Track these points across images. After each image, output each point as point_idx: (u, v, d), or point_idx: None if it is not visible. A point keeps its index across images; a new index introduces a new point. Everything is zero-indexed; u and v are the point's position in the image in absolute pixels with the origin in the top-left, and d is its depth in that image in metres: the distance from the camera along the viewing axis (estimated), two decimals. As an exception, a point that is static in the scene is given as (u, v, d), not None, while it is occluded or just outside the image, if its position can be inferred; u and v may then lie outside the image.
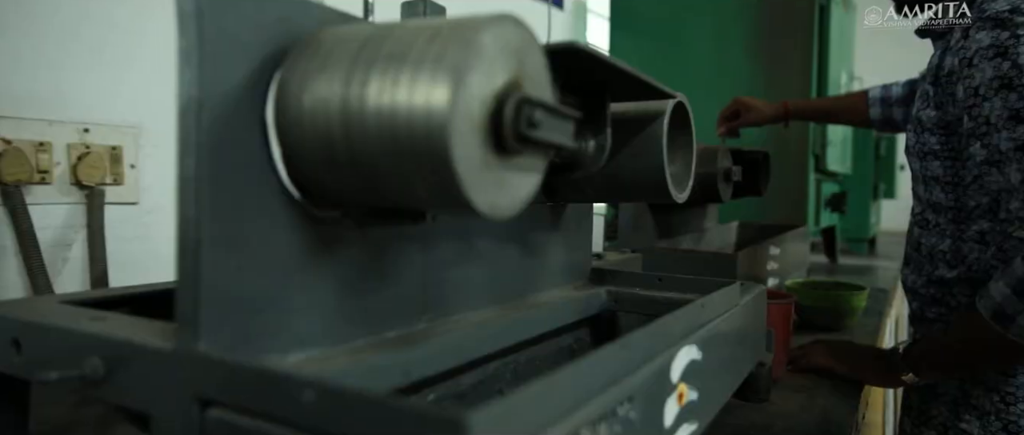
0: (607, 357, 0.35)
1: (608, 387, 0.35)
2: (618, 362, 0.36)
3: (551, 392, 0.28)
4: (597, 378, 0.33)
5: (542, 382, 0.28)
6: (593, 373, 0.33)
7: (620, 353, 0.37)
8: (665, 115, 0.55)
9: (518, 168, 0.33)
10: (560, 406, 0.29)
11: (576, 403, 0.31)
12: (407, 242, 0.46)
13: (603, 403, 0.34)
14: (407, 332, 0.46)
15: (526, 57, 0.33)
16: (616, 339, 0.38)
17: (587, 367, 0.32)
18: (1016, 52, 0.65)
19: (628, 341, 0.38)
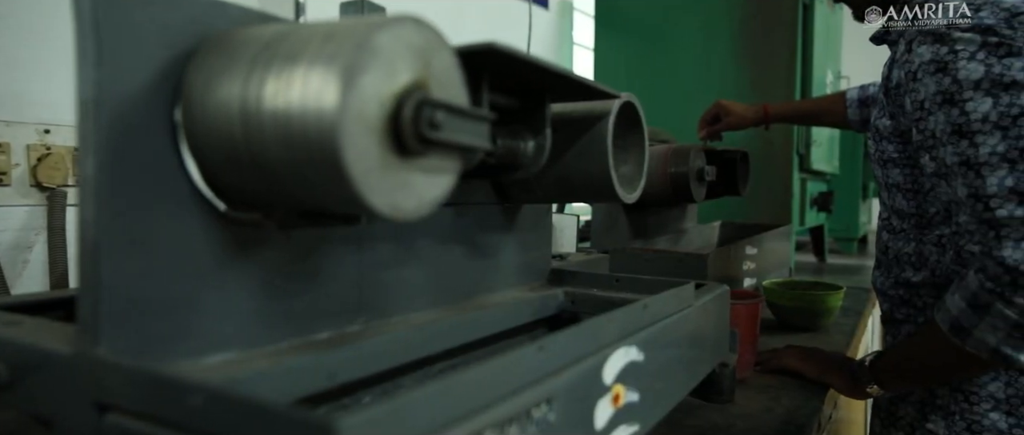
0: (517, 360, 0.35)
1: (522, 389, 0.35)
2: (532, 364, 0.36)
3: (442, 395, 0.28)
4: (505, 380, 0.33)
5: (433, 386, 0.28)
6: (498, 376, 0.32)
7: (536, 356, 0.36)
8: (610, 115, 0.55)
9: (425, 169, 0.33)
10: (454, 409, 0.29)
11: (476, 406, 0.30)
12: (340, 244, 0.45)
13: (514, 406, 0.33)
14: (339, 333, 0.45)
15: (432, 58, 0.33)
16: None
17: (489, 370, 0.32)
18: (955, 67, 0.64)
19: (546, 343, 0.37)
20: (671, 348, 0.59)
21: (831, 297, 1.18)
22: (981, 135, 0.64)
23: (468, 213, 0.60)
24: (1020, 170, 0.62)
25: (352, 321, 0.47)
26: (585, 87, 0.50)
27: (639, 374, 0.51)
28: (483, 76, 0.43)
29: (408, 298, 0.53)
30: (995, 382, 0.74)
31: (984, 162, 0.64)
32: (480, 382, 0.31)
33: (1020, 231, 0.62)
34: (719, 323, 0.76)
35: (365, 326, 0.48)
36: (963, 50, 0.65)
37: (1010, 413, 0.73)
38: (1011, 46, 0.63)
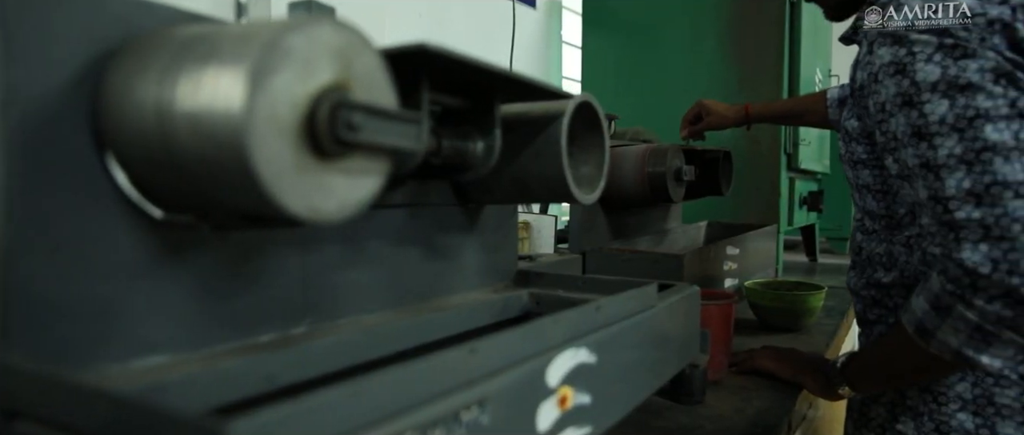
0: (444, 362, 0.34)
1: (450, 392, 0.35)
2: (461, 366, 0.35)
3: (351, 398, 0.28)
4: (427, 383, 0.33)
5: (341, 388, 0.28)
6: (419, 378, 0.32)
7: (466, 358, 0.36)
8: (565, 116, 0.55)
9: (347, 171, 0.33)
10: (365, 413, 0.29)
11: (393, 409, 0.30)
12: (283, 245, 0.45)
13: (437, 409, 0.33)
14: (283, 336, 0.45)
15: (354, 60, 0.32)
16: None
17: (409, 372, 0.31)
18: (913, 69, 0.64)
19: (478, 346, 0.37)
20: (630, 350, 0.59)
21: (812, 297, 1.18)
22: (939, 137, 0.64)
23: (424, 214, 0.60)
24: (976, 172, 0.61)
25: (297, 323, 0.47)
26: (534, 87, 0.50)
27: (591, 376, 0.51)
28: (423, 77, 0.42)
29: (359, 300, 0.53)
30: (962, 383, 0.73)
31: (942, 164, 0.64)
32: (397, 384, 0.31)
33: (977, 233, 0.61)
34: (688, 324, 0.76)
35: (312, 328, 0.48)
36: (921, 52, 0.64)
37: (977, 413, 0.72)
38: (966, 48, 0.62)
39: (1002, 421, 0.71)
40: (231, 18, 1.08)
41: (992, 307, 0.61)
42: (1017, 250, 0.60)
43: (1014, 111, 0.62)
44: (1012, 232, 0.60)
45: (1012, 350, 0.63)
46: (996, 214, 0.61)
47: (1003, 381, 0.71)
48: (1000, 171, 0.61)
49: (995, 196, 0.61)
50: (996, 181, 0.61)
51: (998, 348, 0.63)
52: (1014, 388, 0.71)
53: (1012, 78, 0.62)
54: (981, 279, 0.61)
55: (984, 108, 0.62)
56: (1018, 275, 0.60)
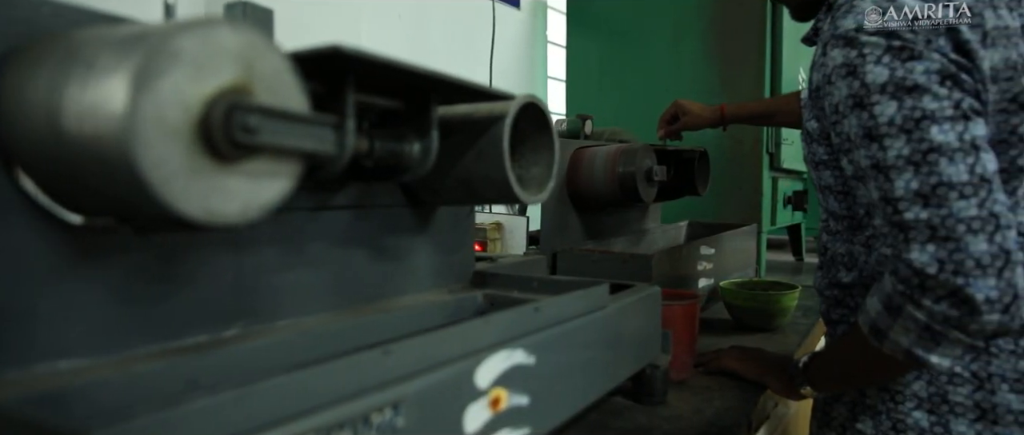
0: (353, 364, 0.34)
1: (360, 394, 0.35)
2: (373, 368, 0.35)
3: (238, 402, 0.28)
4: (332, 385, 0.33)
5: (226, 393, 0.28)
6: (321, 380, 0.32)
7: (380, 360, 0.36)
8: (507, 117, 0.55)
9: (251, 174, 0.33)
10: (255, 416, 0.29)
11: (288, 413, 0.30)
12: (212, 248, 0.45)
13: (342, 412, 0.33)
14: (212, 339, 0.45)
15: (256, 62, 0.32)
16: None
17: (309, 375, 0.31)
18: (863, 71, 0.64)
19: (393, 347, 0.37)
20: (576, 350, 0.59)
21: (785, 297, 1.18)
22: (888, 138, 0.64)
23: (372, 215, 0.60)
24: (923, 173, 0.62)
25: (228, 326, 0.46)
26: (469, 89, 0.50)
27: (529, 377, 0.51)
28: (347, 79, 0.42)
29: (299, 302, 0.53)
30: (918, 381, 0.73)
31: (891, 165, 0.64)
32: (295, 387, 0.31)
33: (925, 233, 0.61)
34: (646, 324, 0.76)
35: (244, 331, 0.48)
36: (870, 54, 0.64)
37: (932, 411, 0.72)
38: (913, 50, 0.62)
39: (955, 419, 0.71)
40: (160, 19, 1.07)
41: (939, 307, 0.61)
42: (962, 250, 0.60)
43: (958, 112, 0.62)
44: (957, 233, 0.60)
45: (960, 349, 0.63)
46: (942, 215, 0.61)
47: (956, 379, 0.71)
48: (945, 172, 0.61)
49: (941, 197, 0.61)
50: (941, 182, 0.61)
51: (946, 348, 0.63)
52: (967, 386, 0.71)
53: (957, 80, 0.63)
54: (928, 279, 0.61)
55: (930, 110, 0.62)
56: (962, 275, 0.60)
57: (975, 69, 0.64)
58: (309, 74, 0.42)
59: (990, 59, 0.65)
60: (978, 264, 0.60)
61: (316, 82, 0.43)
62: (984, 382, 0.70)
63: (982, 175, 0.61)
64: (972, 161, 0.61)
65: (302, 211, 0.52)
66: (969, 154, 0.62)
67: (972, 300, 0.59)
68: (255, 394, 0.29)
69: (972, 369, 0.71)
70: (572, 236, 1.17)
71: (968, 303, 0.60)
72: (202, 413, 0.27)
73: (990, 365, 0.70)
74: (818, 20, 0.83)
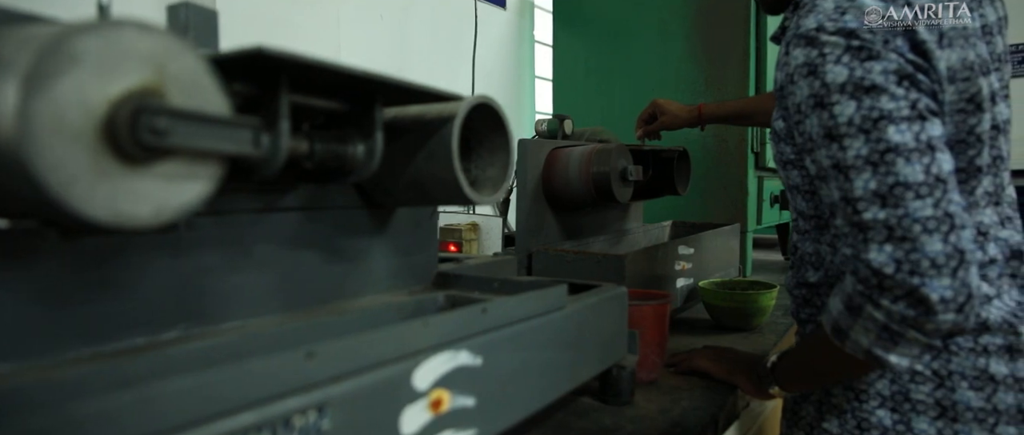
0: (270, 367, 0.34)
1: (279, 397, 0.34)
2: (294, 371, 0.35)
3: (139, 405, 0.28)
4: (246, 388, 0.32)
5: (122, 394, 0.27)
6: (234, 383, 0.32)
7: (302, 362, 0.36)
8: (456, 117, 0.55)
9: (165, 176, 0.32)
10: (158, 420, 0.28)
11: (194, 417, 0.30)
12: (148, 250, 0.45)
13: (255, 416, 0.33)
14: (150, 341, 0.45)
15: (168, 63, 0.32)
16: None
17: (219, 376, 0.31)
18: (824, 70, 0.64)
19: (318, 349, 0.37)
20: (530, 351, 0.59)
21: (763, 297, 1.18)
22: (848, 138, 0.63)
23: (324, 217, 0.59)
24: (881, 173, 0.61)
25: (168, 329, 0.46)
26: (412, 90, 0.50)
27: (475, 379, 0.51)
28: (281, 81, 0.42)
29: (246, 304, 0.52)
30: (882, 380, 0.73)
31: (851, 165, 0.63)
32: (203, 389, 0.30)
33: (883, 234, 0.61)
34: (610, 325, 0.76)
35: (186, 333, 0.47)
36: (830, 53, 0.64)
37: (894, 410, 0.72)
38: (871, 50, 0.62)
39: (917, 417, 0.71)
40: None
41: (896, 307, 0.61)
42: (918, 250, 0.60)
43: (914, 113, 0.62)
44: (913, 233, 0.60)
45: (917, 349, 0.63)
46: (899, 215, 0.61)
47: (918, 377, 0.71)
48: (902, 172, 0.61)
49: (898, 197, 0.61)
50: (898, 182, 0.61)
51: (904, 347, 0.63)
52: (928, 384, 0.71)
53: (913, 80, 0.62)
54: (886, 279, 0.61)
55: (887, 110, 0.62)
56: (918, 275, 0.59)
57: (932, 69, 0.64)
58: (241, 76, 0.42)
59: (946, 59, 0.65)
60: (933, 264, 0.59)
61: (249, 84, 0.42)
62: (944, 380, 0.70)
63: (938, 175, 0.61)
64: (928, 161, 0.61)
65: (248, 213, 0.52)
66: (925, 154, 0.61)
67: (927, 300, 0.59)
68: (159, 397, 0.29)
69: (933, 367, 0.71)
70: (549, 236, 1.17)
71: (924, 303, 0.60)
72: (95, 418, 0.26)
73: (950, 363, 0.70)
74: (786, 18, 0.83)
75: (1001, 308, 0.72)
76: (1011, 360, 0.70)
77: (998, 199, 0.74)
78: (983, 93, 0.68)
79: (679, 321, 1.27)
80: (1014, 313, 0.72)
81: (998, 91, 0.72)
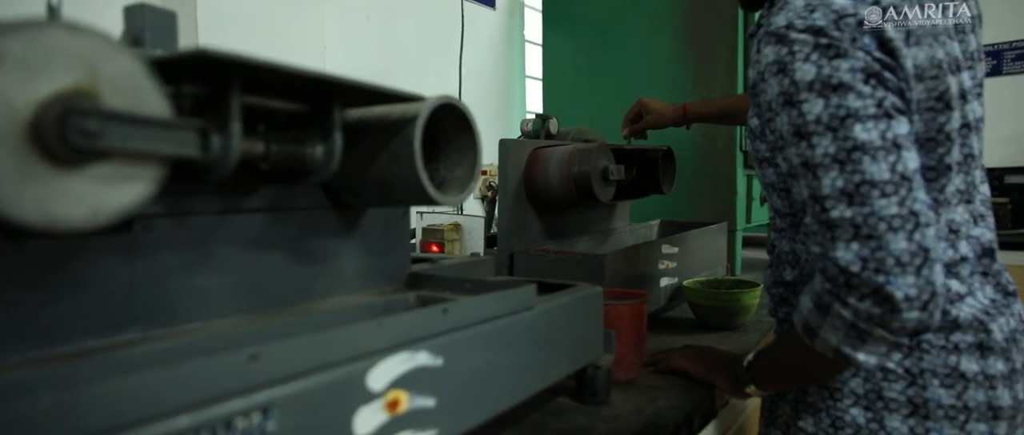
0: (210, 368, 0.34)
1: (219, 400, 0.34)
2: (235, 373, 0.35)
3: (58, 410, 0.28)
4: (183, 390, 0.32)
5: (54, 396, 0.27)
6: (171, 386, 0.32)
7: (244, 364, 0.36)
8: (419, 118, 0.54)
9: (101, 178, 0.32)
10: (83, 424, 0.28)
11: (123, 421, 0.30)
12: (102, 252, 0.45)
13: (199, 417, 0.33)
14: (106, 343, 0.45)
15: (100, 65, 0.32)
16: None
17: (154, 379, 0.31)
18: (793, 68, 0.64)
19: (262, 351, 0.37)
20: (497, 351, 0.59)
21: (746, 295, 1.18)
22: (816, 136, 0.63)
23: (290, 218, 0.59)
24: (848, 171, 0.61)
25: (123, 331, 0.46)
26: (377, 92, 0.50)
27: (436, 379, 0.51)
28: (232, 83, 0.42)
29: (208, 306, 0.52)
30: (855, 379, 0.73)
31: (819, 163, 0.63)
32: (135, 392, 0.30)
33: (849, 232, 0.61)
34: (584, 324, 0.75)
35: (144, 335, 0.47)
36: (799, 51, 0.64)
37: (867, 408, 0.72)
38: (839, 48, 0.62)
39: (890, 414, 0.71)
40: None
41: (863, 305, 0.61)
42: (883, 248, 0.60)
43: (881, 111, 0.62)
44: (878, 231, 0.60)
45: (885, 347, 0.63)
46: (865, 213, 0.61)
47: (890, 375, 0.71)
48: (868, 171, 0.61)
49: (864, 195, 0.61)
50: (865, 180, 0.61)
51: (872, 345, 0.63)
52: (900, 382, 0.71)
53: (880, 78, 0.62)
54: (853, 277, 0.61)
55: (854, 108, 0.62)
56: (883, 273, 0.59)
57: (899, 67, 0.64)
58: (192, 79, 0.42)
59: (913, 57, 0.65)
60: (898, 262, 0.59)
61: (200, 86, 0.42)
62: (916, 378, 0.70)
63: (903, 173, 0.61)
64: (894, 159, 0.61)
65: (210, 214, 0.52)
66: (891, 153, 0.61)
67: (892, 298, 0.59)
68: (84, 401, 0.28)
69: (905, 365, 0.71)
70: (532, 236, 1.17)
71: (889, 301, 0.60)
72: (11, 423, 0.26)
73: (922, 361, 0.70)
74: (762, 15, 0.83)
75: (973, 305, 0.72)
76: (981, 358, 0.70)
77: (969, 197, 0.74)
78: (952, 91, 0.68)
79: (663, 320, 1.27)
80: (986, 311, 0.72)
81: (970, 89, 0.72)
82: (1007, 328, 0.73)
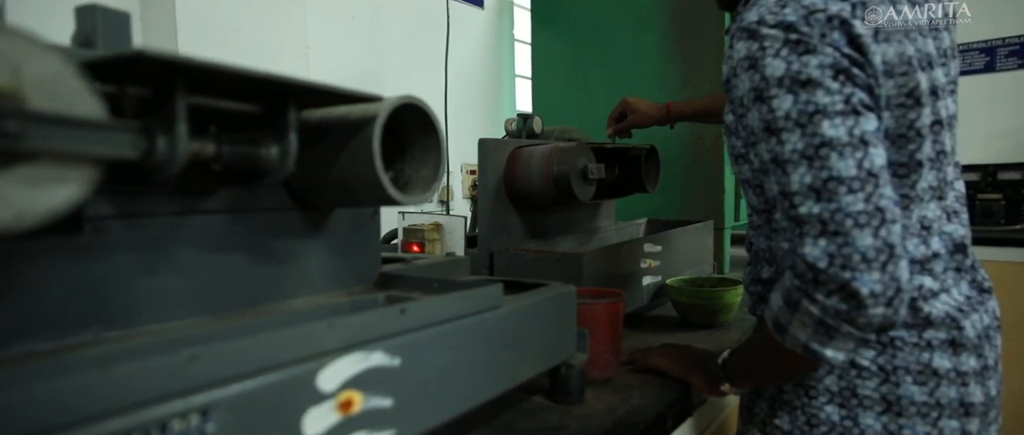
0: (146, 369, 0.34)
1: (158, 401, 0.34)
2: (171, 374, 0.35)
3: None
4: (114, 393, 0.32)
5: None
6: (95, 388, 0.32)
7: (183, 365, 0.36)
8: (378, 117, 0.54)
9: (29, 180, 0.32)
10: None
11: (47, 425, 0.30)
12: (52, 255, 0.44)
13: (131, 420, 0.33)
14: (56, 346, 0.45)
15: (25, 65, 0.32)
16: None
17: (77, 381, 0.31)
18: (763, 64, 0.64)
19: (202, 351, 0.37)
20: (460, 351, 0.58)
21: (728, 294, 1.17)
22: (785, 132, 0.63)
23: (252, 219, 0.59)
24: (816, 167, 0.61)
25: (76, 333, 0.46)
26: (326, 92, 0.49)
27: (393, 379, 0.50)
28: (177, 84, 0.42)
29: (166, 307, 0.52)
30: (830, 376, 0.73)
31: (788, 159, 0.63)
32: (65, 395, 0.30)
33: (817, 228, 0.61)
34: (555, 323, 0.75)
35: (96, 338, 0.47)
36: (770, 47, 0.64)
37: (842, 405, 0.72)
38: (808, 44, 0.62)
39: (863, 412, 0.71)
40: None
41: (830, 301, 0.61)
42: (849, 245, 0.60)
43: (848, 107, 0.61)
44: (845, 227, 0.60)
45: (852, 343, 0.63)
46: (832, 209, 0.61)
47: (864, 373, 0.71)
48: (835, 167, 0.61)
49: (831, 192, 0.61)
50: (832, 176, 0.61)
51: (839, 341, 0.63)
52: (874, 379, 0.70)
53: (849, 74, 0.62)
54: (820, 273, 0.61)
55: (822, 104, 0.62)
56: (849, 269, 0.59)
57: (867, 63, 0.64)
58: (136, 80, 0.41)
59: (883, 54, 0.65)
60: (864, 258, 0.59)
61: (145, 87, 0.42)
62: (889, 375, 0.70)
63: (870, 170, 0.61)
64: (861, 156, 0.61)
65: (167, 216, 0.52)
66: (858, 149, 0.61)
67: (858, 294, 0.59)
68: (2, 406, 0.28)
69: (879, 363, 0.71)
70: (514, 236, 1.17)
71: (855, 297, 0.59)
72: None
73: (895, 358, 0.70)
74: (737, 12, 0.83)
75: (947, 302, 0.72)
76: (954, 354, 0.70)
77: (942, 193, 0.74)
78: (922, 87, 0.67)
79: (647, 319, 1.27)
80: (959, 308, 0.72)
81: (943, 86, 0.72)
82: (980, 325, 0.73)
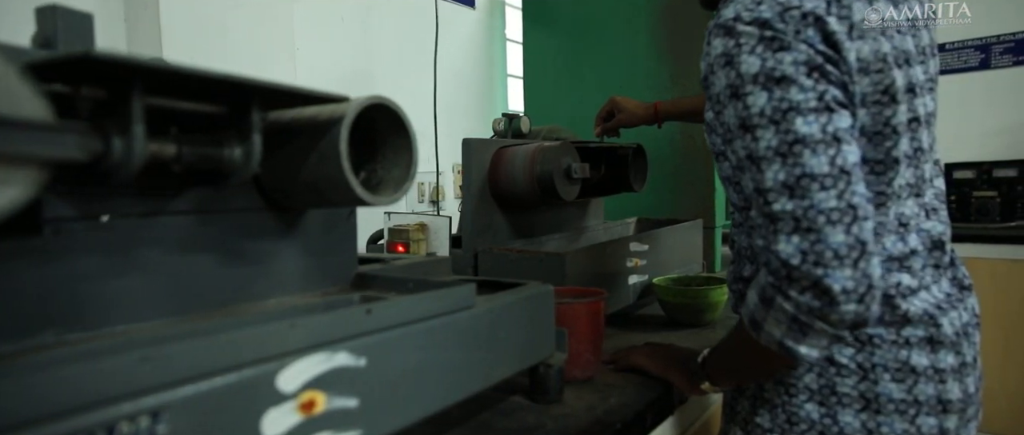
0: (94, 371, 0.34)
1: (106, 403, 0.34)
2: (122, 375, 0.35)
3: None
4: (54, 395, 0.32)
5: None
6: (34, 390, 0.31)
7: (134, 366, 0.35)
8: (345, 118, 0.54)
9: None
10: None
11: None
12: (9, 257, 0.44)
13: (74, 423, 0.33)
14: (15, 348, 0.44)
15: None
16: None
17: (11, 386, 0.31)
18: (739, 60, 0.64)
19: (152, 353, 0.36)
20: (430, 351, 0.58)
21: (714, 292, 1.17)
22: (760, 129, 0.63)
23: (222, 220, 0.59)
24: (789, 164, 0.61)
25: (36, 335, 0.46)
26: (288, 93, 0.49)
27: (358, 380, 0.50)
28: (134, 85, 0.42)
29: (132, 308, 0.52)
30: (810, 374, 0.73)
31: (762, 156, 0.63)
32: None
33: (790, 225, 0.61)
34: (533, 323, 0.75)
35: (58, 339, 0.47)
36: (745, 43, 0.64)
37: (822, 403, 0.72)
38: (783, 41, 0.62)
39: (843, 409, 0.71)
40: None
41: (803, 298, 0.61)
42: (822, 242, 0.59)
43: (822, 104, 0.61)
44: (817, 224, 0.60)
45: (825, 340, 0.63)
46: (804, 206, 0.60)
47: (843, 371, 0.71)
48: (808, 164, 0.61)
49: (804, 188, 0.61)
50: (805, 173, 0.61)
51: (813, 338, 0.62)
52: (852, 377, 0.70)
53: (823, 71, 0.62)
54: (793, 270, 0.61)
55: (796, 101, 0.61)
56: (822, 266, 0.59)
57: (841, 60, 0.64)
58: (91, 81, 0.41)
59: (857, 51, 0.65)
60: (836, 255, 0.59)
61: (101, 88, 0.42)
62: (868, 372, 0.70)
63: (842, 167, 0.61)
64: (833, 153, 0.61)
65: (132, 217, 0.52)
66: (831, 146, 0.61)
67: (830, 290, 0.59)
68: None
69: (857, 360, 0.70)
70: (499, 236, 1.17)
71: (827, 293, 0.59)
72: None
73: (873, 356, 0.70)
74: (718, 9, 0.83)
75: (925, 300, 0.72)
76: (932, 352, 0.70)
77: (919, 190, 0.73)
78: (897, 84, 0.67)
79: (634, 318, 1.27)
80: (938, 305, 0.72)
81: (922, 83, 0.72)
82: (958, 322, 0.73)
